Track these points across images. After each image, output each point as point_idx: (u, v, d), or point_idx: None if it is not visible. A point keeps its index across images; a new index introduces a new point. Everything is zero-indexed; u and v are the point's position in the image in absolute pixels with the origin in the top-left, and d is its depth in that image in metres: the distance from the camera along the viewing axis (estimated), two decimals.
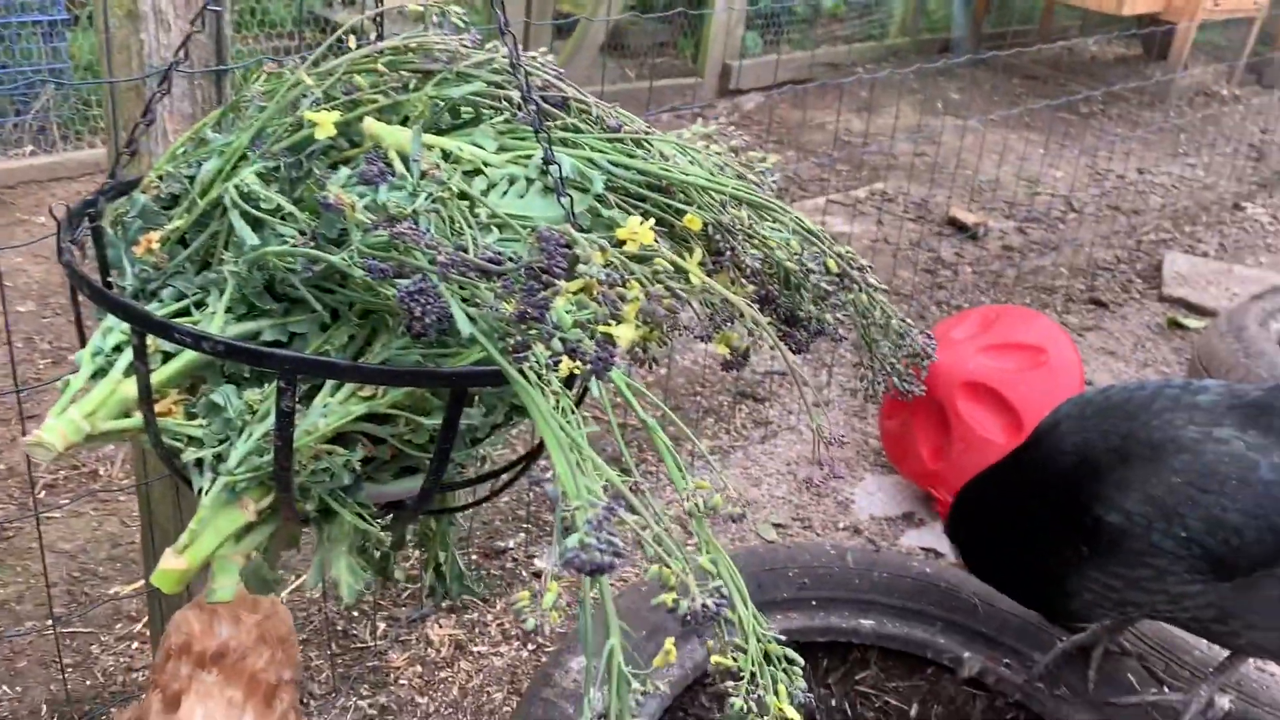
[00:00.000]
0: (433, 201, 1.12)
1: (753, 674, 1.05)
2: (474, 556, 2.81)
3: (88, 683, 2.34)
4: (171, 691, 1.51)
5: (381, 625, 2.57)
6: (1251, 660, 2.33)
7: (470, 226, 1.12)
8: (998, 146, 6.17)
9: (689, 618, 0.93)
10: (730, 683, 1.06)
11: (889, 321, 1.36)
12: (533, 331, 1.00)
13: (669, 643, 1.03)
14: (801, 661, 1.10)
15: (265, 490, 1.19)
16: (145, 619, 2.49)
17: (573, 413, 1.03)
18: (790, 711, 1.05)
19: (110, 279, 1.25)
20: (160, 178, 1.25)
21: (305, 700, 2.35)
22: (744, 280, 1.29)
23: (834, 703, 2.26)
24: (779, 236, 1.28)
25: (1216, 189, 6.26)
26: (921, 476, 3.16)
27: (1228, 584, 1.70)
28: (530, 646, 2.55)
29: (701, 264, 1.25)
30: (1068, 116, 6.96)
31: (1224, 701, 2.05)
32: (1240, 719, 2.05)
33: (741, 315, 1.23)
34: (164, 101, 1.61)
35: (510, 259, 1.05)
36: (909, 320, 1.39)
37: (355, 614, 2.60)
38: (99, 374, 1.18)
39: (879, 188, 5.65)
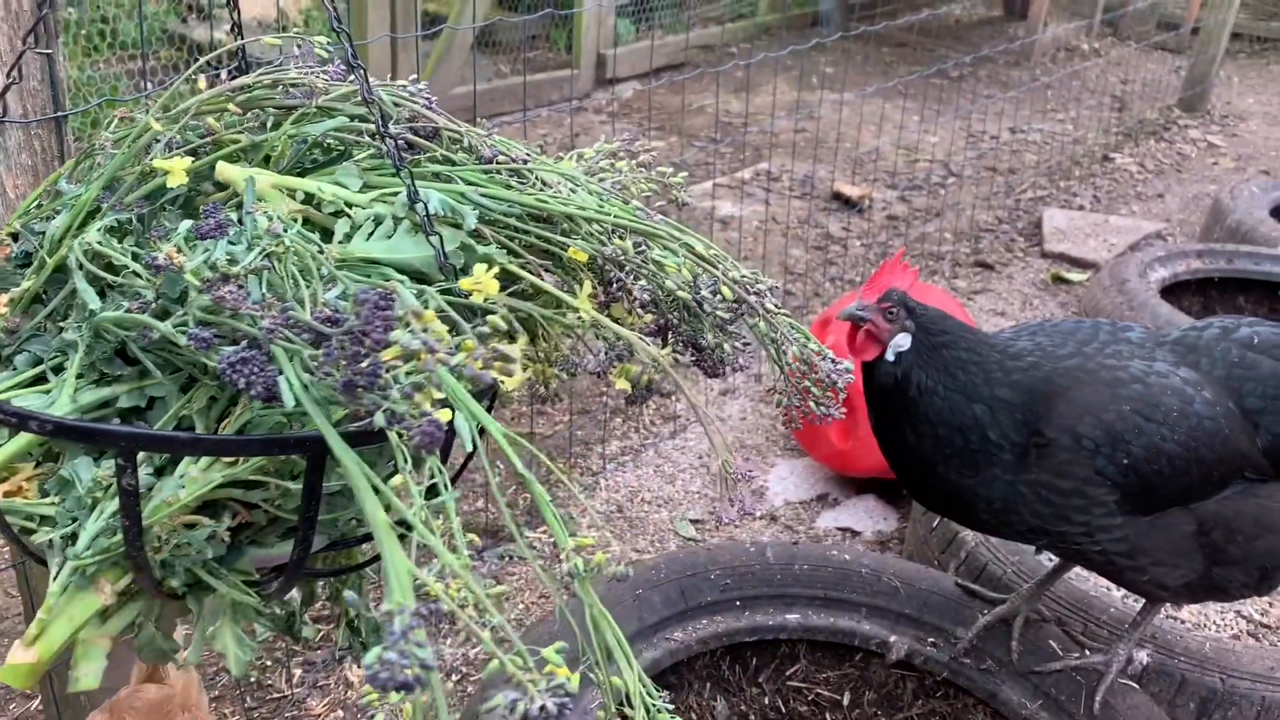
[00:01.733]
0: (267, 257, 1.04)
1: None
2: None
3: None
4: None
5: (297, 672, 2.47)
6: (1164, 613, 2.40)
7: (313, 280, 1.04)
8: (875, 117, 6.25)
9: (529, 719, 0.83)
10: None
11: (803, 347, 1.30)
12: (361, 399, 0.92)
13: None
14: None
15: (121, 571, 1.09)
16: (39, 698, 2.35)
17: (445, 484, 0.93)
18: None
19: None
20: (14, 236, 1.16)
21: None
22: (639, 311, 1.23)
23: (766, 701, 2.24)
24: (673, 262, 1.22)
25: (1086, 142, 6.46)
26: (832, 457, 3.17)
27: (1144, 519, 1.75)
28: (455, 678, 2.48)
29: (593, 296, 1.20)
30: (939, 82, 7.09)
31: (1142, 656, 2.10)
32: (1158, 670, 2.11)
33: (643, 355, 1.18)
34: None
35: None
36: (815, 344, 1.32)
37: (269, 663, 2.49)
38: None
39: (763, 168, 5.67)
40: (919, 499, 1.96)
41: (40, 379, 1.13)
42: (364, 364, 0.90)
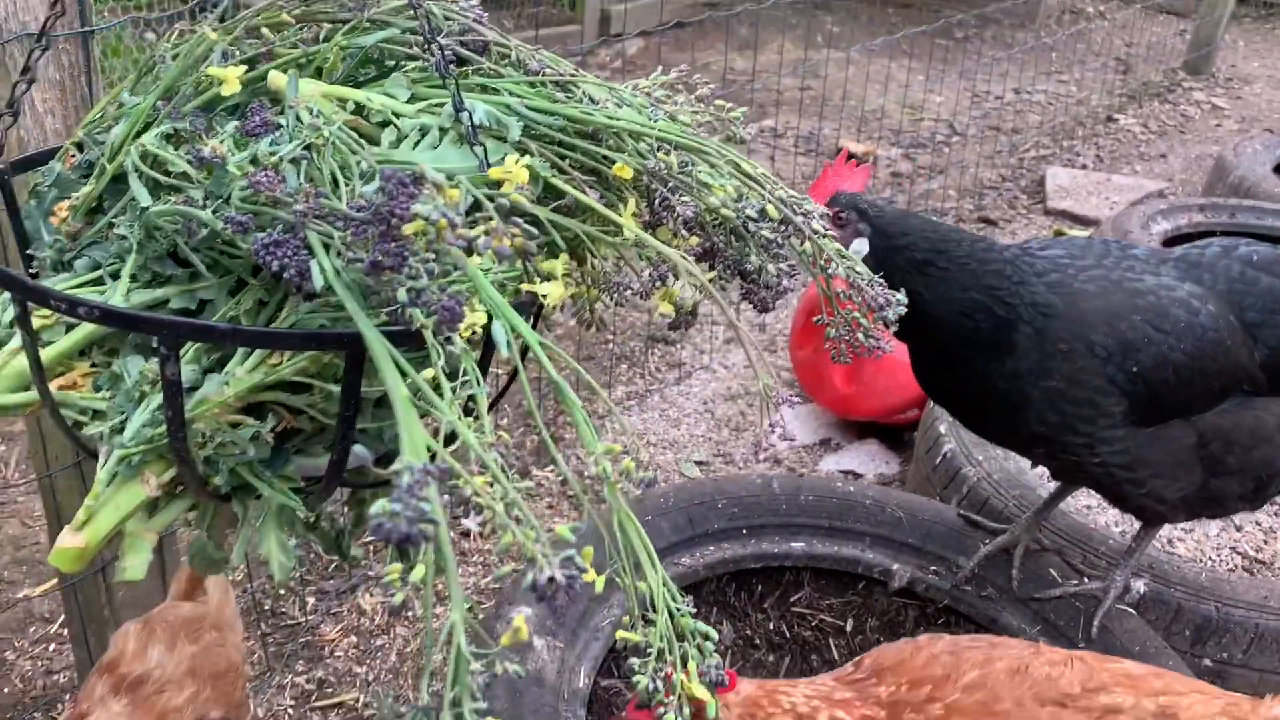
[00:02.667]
0: (306, 149, 1.06)
1: (661, 651, 0.98)
2: None
3: (5, 690, 2.24)
4: (79, 711, 1.45)
5: (310, 600, 2.52)
6: (1161, 543, 2.45)
7: (352, 176, 1.05)
8: (880, 76, 6.24)
9: (537, 589, 0.83)
10: (636, 660, 0.99)
11: (850, 270, 1.24)
12: (388, 280, 0.92)
13: (518, 618, 0.89)
14: (716, 636, 1.03)
15: (167, 464, 1.11)
16: (60, 619, 2.40)
17: (478, 379, 0.95)
18: (699, 690, 0.99)
19: (30, 251, 1.18)
20: (78, 146, 1.18)
21: None
22: (685, 233, 1.21)
23: (771, 626, 2.30)
24: (717, 183, 1.21)
25: (1089, 103, 6.45)
26: (836, 402, 3.21)
27: (1146, 431, 1.79)
28: (466, 605, 2.52)
29: (638, 215, 1.20)
30: (944, 42, 7.08)
31: (1139, 585, 2.15)
32: (1154, 598, 2.16)
33: (685, 274, 1.17)
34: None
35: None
36: (863, 269, 1.26)
37: (283, 592, 2.54)
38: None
39: (768, 124, 5.67)
40: (935, 393, 1.94)
41: (98, 282, 1.16)
42: (395, 243, 0.92)
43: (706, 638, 1.02)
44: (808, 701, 1.35)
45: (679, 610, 1.01)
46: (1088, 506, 2.62)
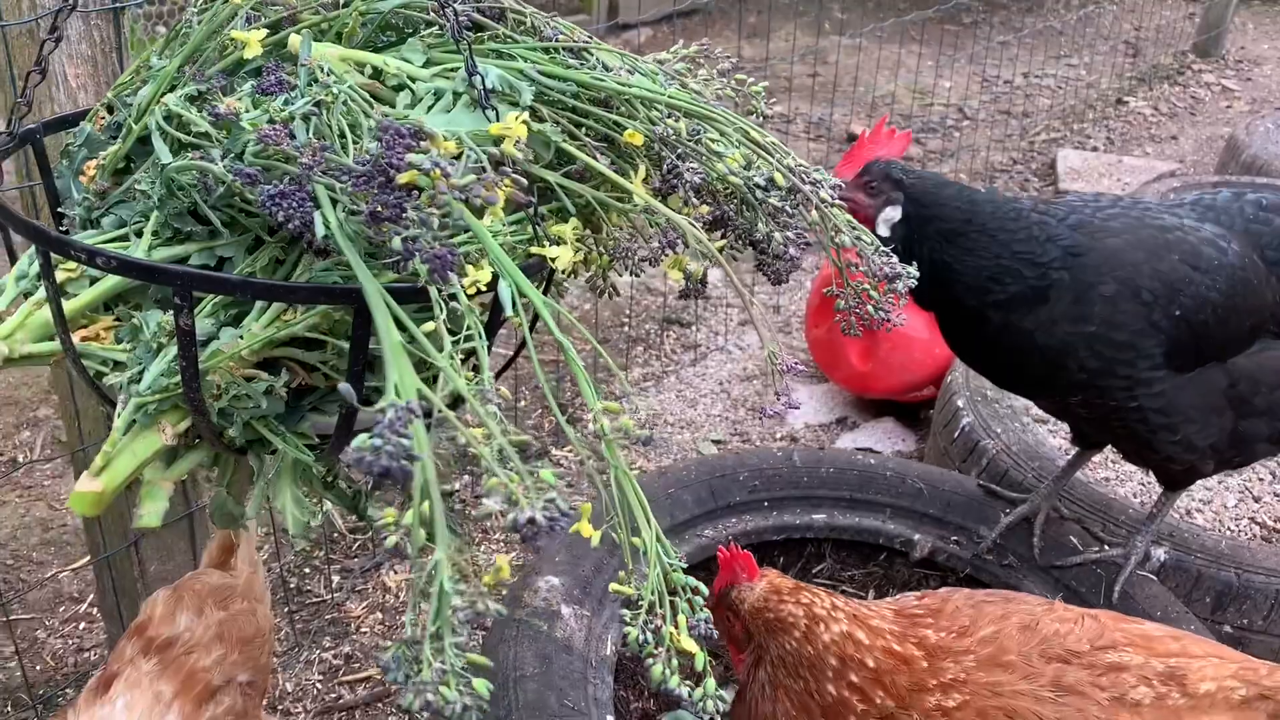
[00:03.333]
0: (316, 105, 1.08)
1: (651, 604, 0.99)
2: None
3: (38, 667, 2.27)
4: (109, 672, 1.47)
5: (335, 578, 2.54)
6: (1180, 514, 2.46)
7: (360, 134, 1.06)
8: (888, 62, 6.24)
9: (518, 530, 0.85)
10: (627, 611, 1.00)
11: (857, 239, 1.25)
12: (387, 231, 0.93)
13: (500, 559, 0.93)
14: (706, 591, 1.04)
15: (182, 413, 1.15)
16: (90, 599, 2.43)
17: (480, 334, 0.96)
18: (687, 643, 1.00)
19: (61, 209, 1.20)
20: (109, 108, 1.21)
21: None
22: (695, 201, 1.22)
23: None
24: (727, 151, 1.22)
25: (1099, 86, 6.45)
26: (852, 379, 3.22)
27: (1183, 376, 1.79)
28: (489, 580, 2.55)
29: (648, 182, 1.21)
30: (952, 27, 7.07)
31: (1159, 553, 2.16)
32: (1175, 566, 2.17)
33: (692, 240, 1.17)
34: (59, 47, 1.55)
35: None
36: (870, 238, 1.26)
37: (308, 570, 2.56)
38: (27, 298, 1.14)
39: (778, 110, 5.67)
40: (967, 355, 1.94)
41: (123, 239, 1.18)
42: (388, 195, 0.93)
43: (697, 592, 1.03)
44: (830, 609, 1.37)
45: (671, 565, 1.02)
46: (1106, 479, 2.64)
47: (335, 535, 2.64)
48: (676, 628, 0.99)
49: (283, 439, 1.16)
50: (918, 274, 1.28)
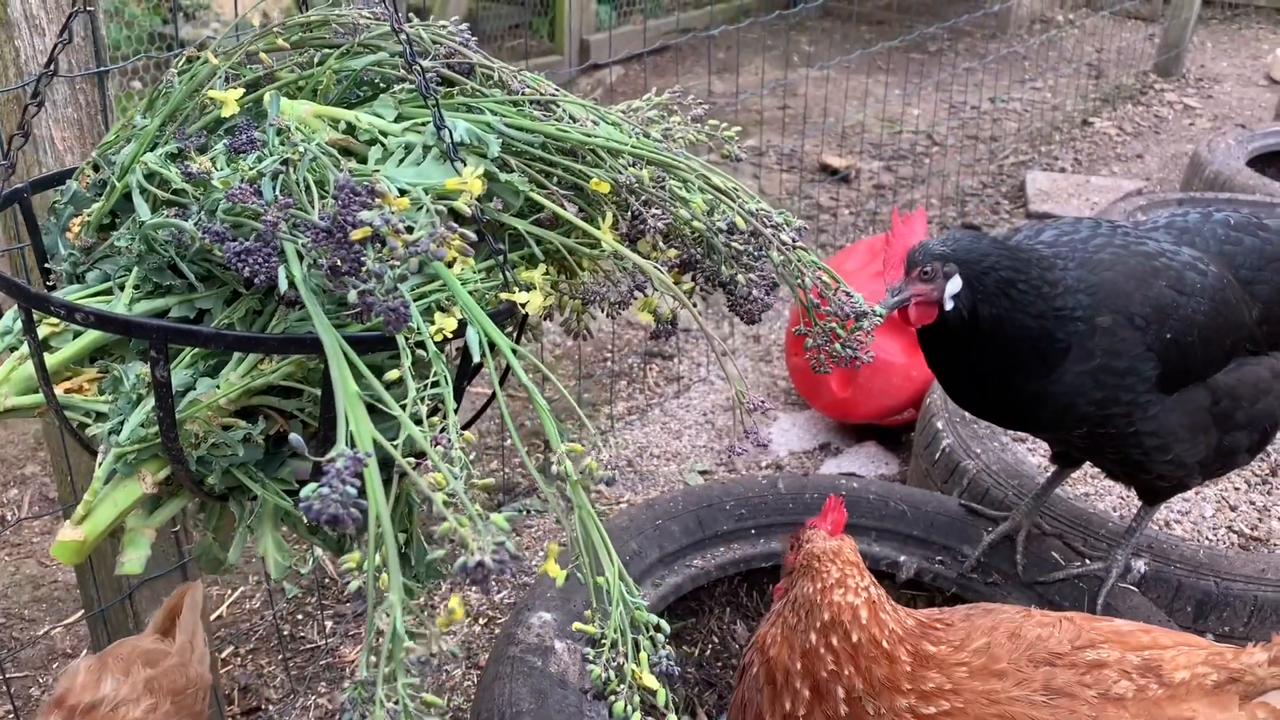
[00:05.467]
0: (283, 163, 1.12)
1: (614, 641, 1.02)
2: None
3: None
4: None
5: (329, 623, 2.55)
6: (1159, 525, 2.51)
7: (327, 189, 1.09)
8: (857, 92, 6.34)
9: (468, 574, 0.87)
10: (590, 650, 1.02)
11: (818, 279, 1.28)
12: (347, 284, 0.97)
13: (454, 599, 0.94)
14: (668, 629, 1.07)
15: (162, 462, 1.18)
16: (84, 654, 2.43)
17: (445, 378, 1.00)
18: (649, 679, 1.02)
19: (48, 265, 1.23)
20: (94, 167, 1.25)
21: (263, 705, 2.33)
22: (663, 245, 1.26)
23: None
24: (692, 197, 1.27)
25: (1064, 108, 6.57)
26: (833, 406, 3.27)
27: (1170, 397, 1.85)
28: (482, 621, 2.57)
29: (615, 228, 1.25)
30: (918, 56, 7.20)
31: (1139, 564, 2.20)
32: (1155, 576, 2.21)
33: (655, 283, 1.21)
34: (43, 111, 1.58)
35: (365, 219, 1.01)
36: (832, 275, 1.29)
37: (300, 616, 2.57)
38: (13, 352, 1.18)
39: (750, 144, 5.76)
40: (986, 415, 1.98)
41: (107, 293, 1.22)
42: (354, 249, 0.97)
43: (659, 629, 1.06)
44: (859, 586, 1.43)
45: (633, 603, 1.05)
46: (1085, 495, 2.68)
47: (326, 581, 2.66)
48: (639, 664, 1.01)
49: (262, 486, 1.19)
50: (883, 313, 1.32)
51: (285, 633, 2.52)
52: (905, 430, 3.28)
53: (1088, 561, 2.16)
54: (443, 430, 0.98)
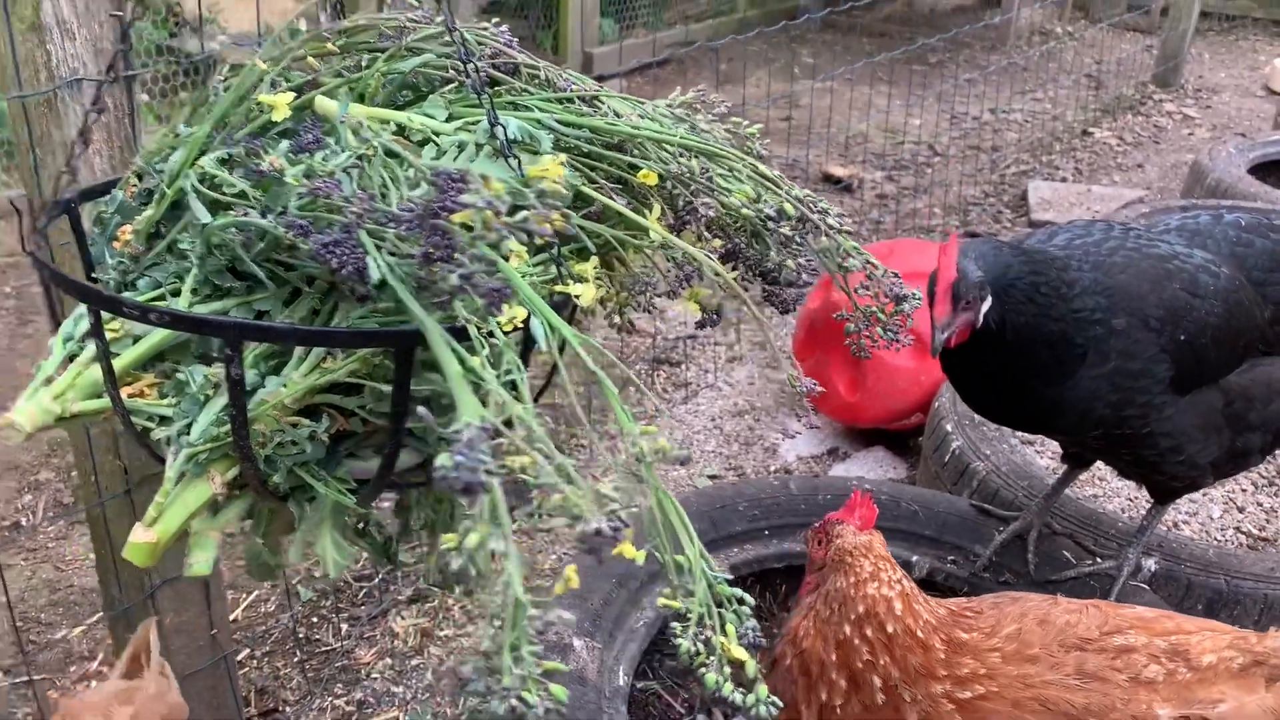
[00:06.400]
0: (357, 159, 1.15)
1: (700, 616, 1.04)
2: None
3: None
4: None
5: (344, 626, 2.57)
6: (1167, 526, 2.53)
7: (399, 184, 1.13)
8: (859, 104, 6.39)
9: (585, 540, 0.89)
10: (678, 624, 1.04)
11: (866, 262, 1.31)
12: (438, 271, 0.99)
13: (569, 570, 0.97)
14: (752, 601, 1.09)
15: (231, 462, 1.20)
16: (101, 656, 2.45)
17: (518, 367, 1.03)
18: (738, 651, 1.04)
19: (95, 275, 1.26)
20: (139, 175, 1.27)
21: (280, 707, 2.34)
22: (707, 235, 1.29)
23: None
24: (737, 186, 1.29)
25: (1065, 119, 6.62)
26: (841, 410, 3.29)
27: (1184, 399, 1.87)
28: (497, 623, 2.58)
29: (662, 220, 1.27)
30: (919, 67, 7.25)
31: (1149, 563, 2.22)
32: (1166, 575, 2.23)
33: (709, 272, 1.24)
34: (72, 113, 1.61)
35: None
36: (877, 263, 1.31)
37: (315, 619, 2.59)
38: (73, 360, 1.20)
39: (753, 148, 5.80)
40: (1009, 423, 2.01)
41: (159, 299, 1.24)
42: (445, 236, 0.99)
43: (742, 602, 1.08)
44: (890, 579, 1.47)
45: (716, 578, 1.08)
46: (1094, 495, 2.70)
47: (341, 584, 2.67)
48: (726, 637, 1.03)
49: (324, 484, 1.21)
50: (921, 297, 1.35)
51: (301, 635, 2.54)
52: (913, 435, 3.30)
53: (1099, 560, 2.18)
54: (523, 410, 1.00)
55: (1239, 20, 9.11)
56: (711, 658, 1.04)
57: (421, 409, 0.98)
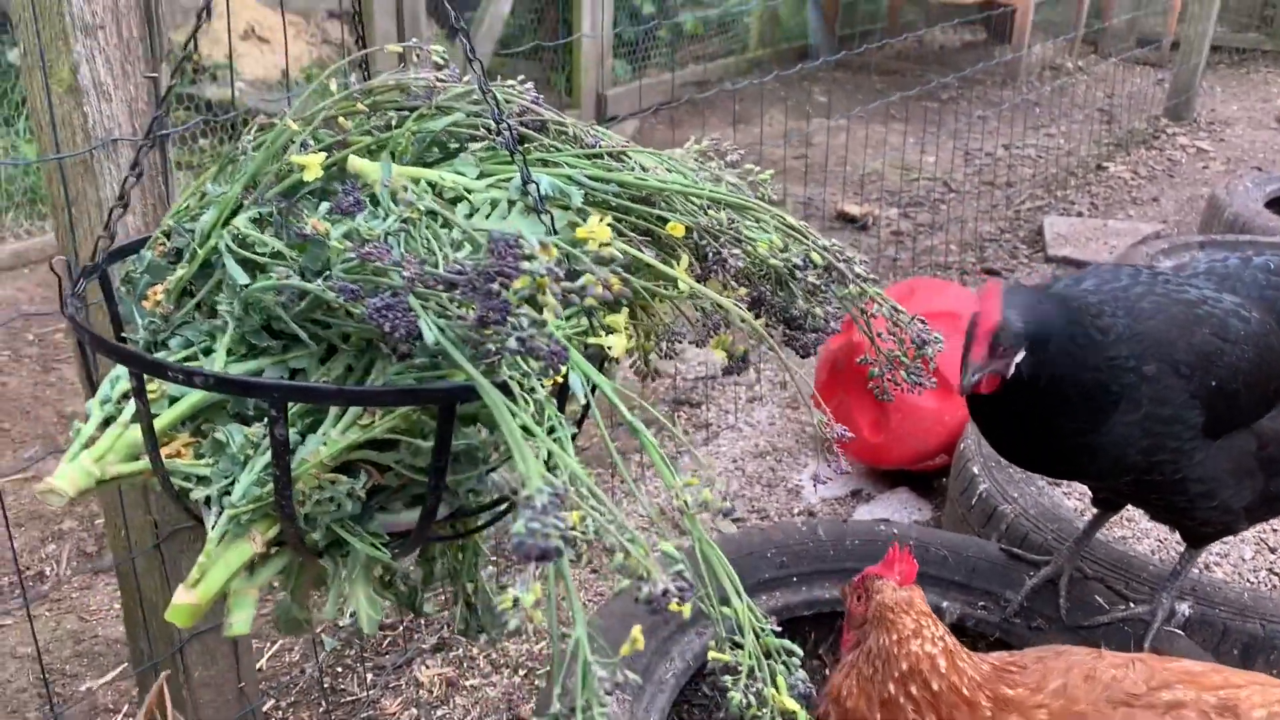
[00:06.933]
0: (402, 223, 1.16)
1: (751, 668, 1.05)
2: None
3: None
4: None
5: (369, 675, 2.55)
6: (1199, 569, 2.50)
7: (442, 245, 1.15)
8: (872, 141, 6.42)
9: (652, 602, 0.90)
10: (728, 677, 1.05)
11: (893, 311, 1.33)
12: (492, 334, 1.01)
13: (635, 630, 0.97)
14: (800, 652, 1.09)
15: (271, 522, 1.20)
16: (125, 709, 2.44)
17: (560, 423, 1.03)
18: (789, 703, 1.05)
19: (124, 334, 1.26)
20: (166, 235, 1.28)
21: None
22: (734, 284, 1.31)
23: (826, 673, 2.33)
24: (763, 237, 1.31)
25: (1078, 153, 6.63)
26: (865, 452, 3.28)
27: (1215, 443, 1.86)
28: (522, 672, 2.56)
29: (689, 270, 1.29)
30: (930, 105, 7.29)
31: (1183, 608, 2.20)
32: (1200, 620, 2.20)
33: (735, 320, 1.26)
34: (107, 171, 1.63)
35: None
36: (903, 311, 1.33)
37: (340, 669, 2.58)
38: (109, 422, 1.20)
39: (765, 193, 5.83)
40: (1038, 469, 2.02)
41: (191, 359, 1.25)
42: (499, 299, 1.01)
43: (791, 654, 1.08)
44: (934, 636, 1.47)
45: (764, 630, 1.08)
46: (1123, 538, 2.68)
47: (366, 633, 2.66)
48: (777, 689, 1.04)
49: (359, 539, 1.21)
50: (942, 339, 1.36)
51: (326, 685, 2.52)
52: (937, 476, 3.29)
53: (1132, 605, 2.15)
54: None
55: (1249, 53, 9.14)
56: (764, 709, 1.04)
57: (499, 474, 0.98)
